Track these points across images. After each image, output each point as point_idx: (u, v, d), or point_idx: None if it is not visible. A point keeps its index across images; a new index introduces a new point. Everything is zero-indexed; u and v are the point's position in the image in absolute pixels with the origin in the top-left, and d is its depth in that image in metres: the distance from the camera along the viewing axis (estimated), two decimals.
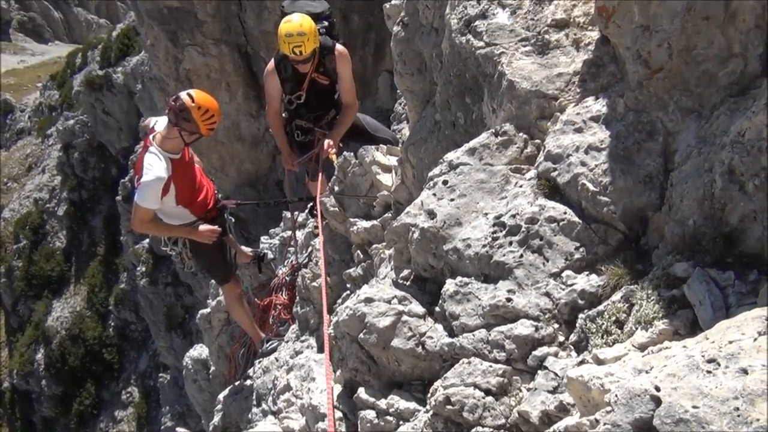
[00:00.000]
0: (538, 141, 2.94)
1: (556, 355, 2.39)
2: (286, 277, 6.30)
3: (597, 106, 2.70)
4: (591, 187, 2.53)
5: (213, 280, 7.27)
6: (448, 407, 2.43)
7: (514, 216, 2.68)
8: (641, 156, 2.47)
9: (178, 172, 4.85)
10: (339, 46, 5.45)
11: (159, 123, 4.95)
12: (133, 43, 23.04)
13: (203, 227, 5.16)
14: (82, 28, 56.25)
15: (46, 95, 33.98)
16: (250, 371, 5.93)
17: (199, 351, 8.36)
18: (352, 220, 4.84)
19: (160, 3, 12.75)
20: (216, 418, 6.11)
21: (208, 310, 7.55)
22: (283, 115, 5.80)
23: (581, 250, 2.55)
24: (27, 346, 24.38)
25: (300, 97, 5.55)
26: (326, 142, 5.46)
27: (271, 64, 5.52)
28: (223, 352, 7.25)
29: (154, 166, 4.69)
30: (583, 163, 2.59)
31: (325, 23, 5.58)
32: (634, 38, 2.48)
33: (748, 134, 2.02)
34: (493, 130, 3.01)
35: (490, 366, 2.46)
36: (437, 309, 2.80)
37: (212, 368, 7.61)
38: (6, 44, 51.31)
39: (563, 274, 2.54)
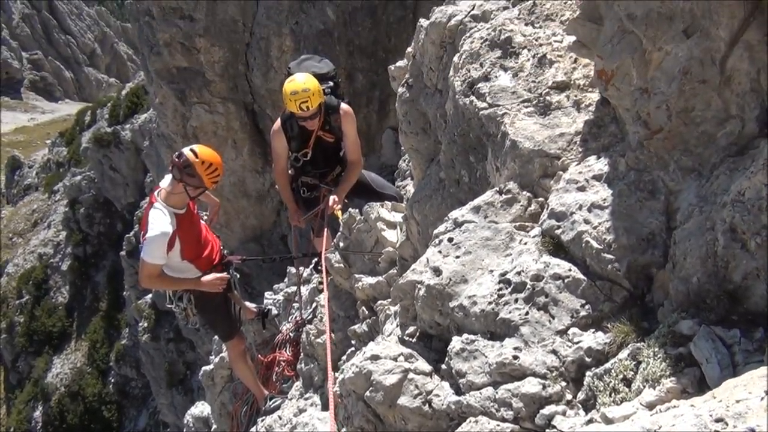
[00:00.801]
0: (541, 199, 2.99)
1: (564, 413, 2.37)
2: (290, 334, 6.27)
3: (599, 165, 2.76)
4: (595, 244, 2.56)
5: (217, 336, 7.24)
6: None
7: (519, 273, 2.71)
8: (644, 214, 2.51)
9: (182, 227, 4.91)
10: (344, 105, 5.58)
11: (164, 180, 5.05)
12: (142, 101, 23.55)
13: (210, 276, 5.19)
14: (92, 87, 57.59)
15: (54, 152, 34.52)
16: (253, 429, 5.84)
17: (201, 409, 8.25)
18: (357, 276, 4.86)
19: (169, 63, 13.08)
20: None
21: (211, 366, 7.49)
22: (289, 171, 5.89)
23: (587, 307, 2.56)
24: (25, 403, 24.05)
25: (306, 155, 5.65)
26: (331, 198, 5.53)
27: (278, 123, 5.63)
28: (225, 409, 7.15)
29: (159, 221, 4.76)
30: (586, 221, 2.62)
31: (331, 83, 5.73)
32: (633, 100, 2.56)
33: (748, 193, 2.06)
34: (497, 189, 3.06)
35: (498, 425, 2.44)
36: (444, 366, 2.79)
37: (214, 426, 7.50)
38: (17, 102, 52.45)
39: (569, 332, 2.54)
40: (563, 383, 2.45)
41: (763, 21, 2.21)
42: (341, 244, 5.18)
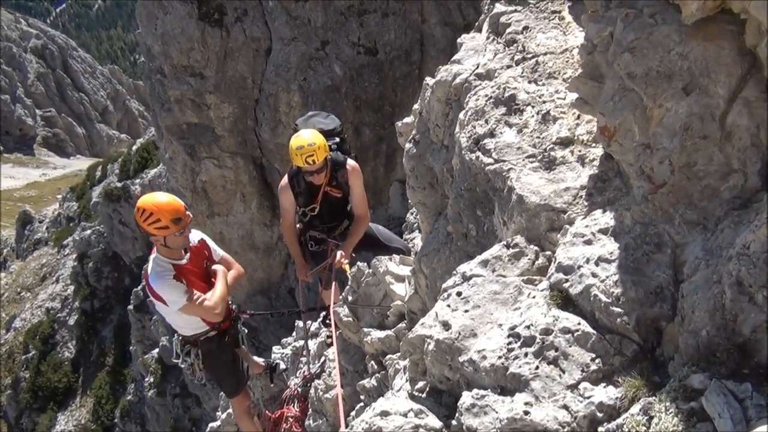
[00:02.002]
0: (548, 252, 3.01)
1: None
2: (298, 389, 6.21)
3: (605, 218, 2.79)
4: (603, 298, 2.57)
5: (223, 392, 7.16)
6: None
7: (528, 327, 2.71)
8: (651, 267, 2.53)
9: (181, 277, 4.75)
10: (350, 161, 5.67)
11: None
12: (152, 156, 23.93)
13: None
14: (103, 143, 58.67)
15: (65, 206, 34.87)
16: None
17: None
18: (365, 329, 4.85)
19: (179, 119, 13.36)
20: None
21: (218, 423, 7.41)
22: (297, 225, 5.94)
23: (597, 361, 2.55)
24: None
25: (314, 210, 5.71)
26: (339, 253, 5.55)
27: (285, 179, 5.71)
28: None
29: (154, 273, 4.66)
30: (594, 275, 2.64)
31: (337, 139, 5.83)
32: (636, 155, 2.61)
33: (753, 246, 2.08)
34: (505, 243, 3.09)
35: None
36: (454, 422, 2.76)
37: None
38: (29, 158, 53.37)
39: (580, 386, 2.53)
40: None
41: (761, 78, 2.28)
42: (350, 298, 5.18)
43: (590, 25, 2.93)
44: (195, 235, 5.02)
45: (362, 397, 4.68)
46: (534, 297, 2.86)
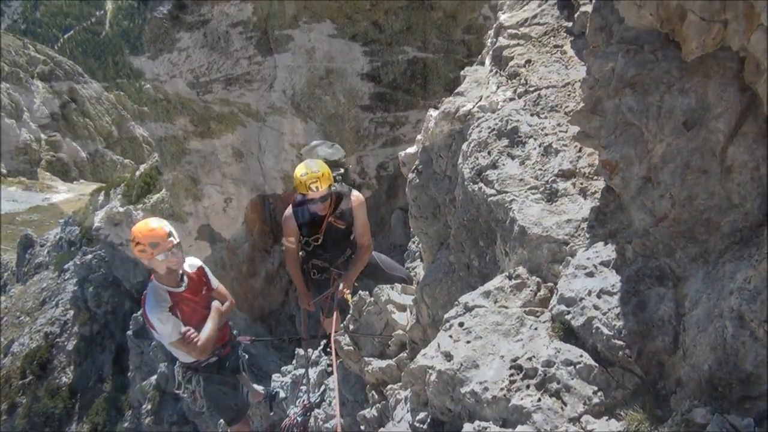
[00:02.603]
0: (550, 284, 3.02)
1: None
2: (298, 418, 6.16)
3: (606, 251, 2.81)
4: (605, 330, 2.58)
5: (222, 420, 7.11)
6: None
7: (530, 359, 2.71)
8: (652, 300, 2.54)
9: (178, 305, 4.77)
10: (354, 192, 5.71)
11: None
12: (155, 181, 23.96)
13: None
14: (107, 168, 58.94)
15: (66, 231, 34.85)
16: None
17: None
18: (366, 359, 4.83)
19: (183, 144, 13.46)
20: None
21: None
22: (300, 254, 5.95)
23: (599, 394, 2.54)
24: None
25: (317, 240, 5.73)
26: (341, 284, 5.56)
27: (289, 209, 5.74)
28: None
29: (150, 302, 4.68)
30: (596, 307, 2.65)
31: (342, 170, 5.88)
32: (637, 189, 2.64)
33: (754, 281, 2.09)
34: (507, 274, 3.10)
35: None
36: None
37: None
38: (33, 182, 53.57)
39: (582, 419, 2.52)
40: None
41: (760, 114, 2.32)
42: (351, 327, 5.17)
43: (592, 60, 2.98)
44: (193, 263, 5.04)
45: (363, 427, 4.64)
46: (536, 329, 2.86)
